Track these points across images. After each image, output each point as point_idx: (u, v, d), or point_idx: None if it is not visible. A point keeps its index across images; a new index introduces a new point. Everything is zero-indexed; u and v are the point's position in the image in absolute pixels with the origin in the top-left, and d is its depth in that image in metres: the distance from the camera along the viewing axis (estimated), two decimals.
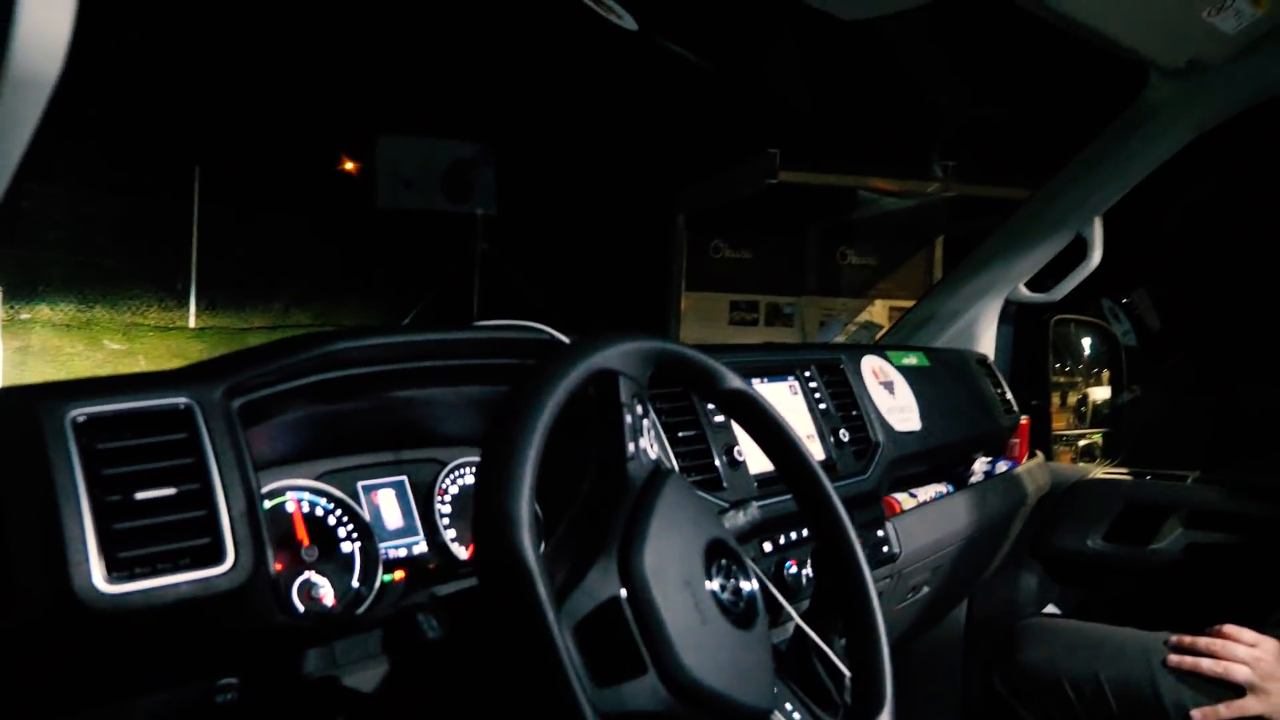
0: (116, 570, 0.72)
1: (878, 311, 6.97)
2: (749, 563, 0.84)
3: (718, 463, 1.22)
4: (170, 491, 0.76)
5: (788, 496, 1.04)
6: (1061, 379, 2.78)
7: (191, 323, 8.18)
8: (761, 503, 1.11)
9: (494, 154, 1.76)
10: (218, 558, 0.76)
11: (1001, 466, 2.03)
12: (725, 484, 1.21)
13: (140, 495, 0.74)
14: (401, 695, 0.84)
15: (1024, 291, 2.20)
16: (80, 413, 0.74)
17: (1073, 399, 2.79)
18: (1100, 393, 2.71)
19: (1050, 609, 2.18)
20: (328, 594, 0.96)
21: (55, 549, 0.70)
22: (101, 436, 0.75)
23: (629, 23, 1.28)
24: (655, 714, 0.70)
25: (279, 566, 0.85)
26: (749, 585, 0.80)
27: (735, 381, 0.91)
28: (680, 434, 1.20)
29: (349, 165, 7.27)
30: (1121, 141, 1.92)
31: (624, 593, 0.71)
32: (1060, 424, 2.70)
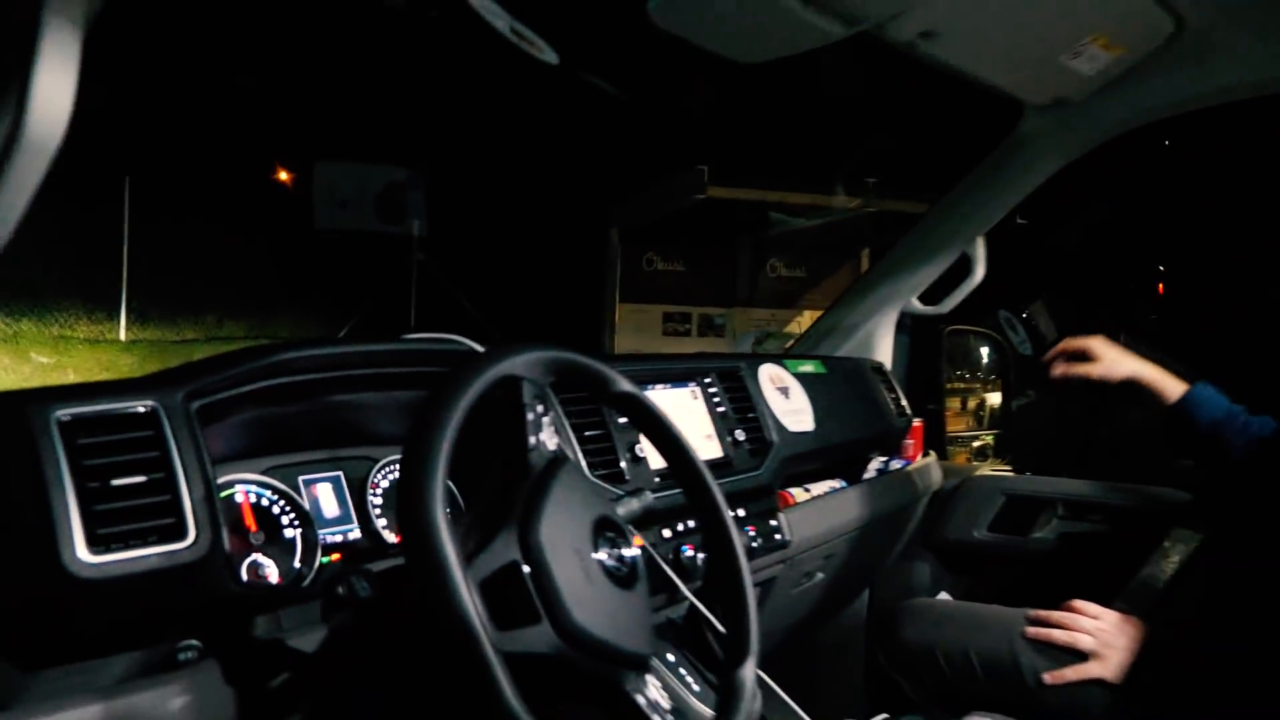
0: (96, 545, 0.85)
1: (805, 321, 7.20)
2: (633, 537, 1.00)
3: (621, 459, 1.38)
4: (141, 479, 0.90)
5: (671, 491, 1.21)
6: (960, 385, 2.99)
7: (122, 335, 8.10)
8: (658, 494, 1.28)
9: (426, 176, 1.89)
10: (181, 535, 0.90)
11: (895, 465, 2.22)
12: (627, 477, 1.37)
13: (115, 482, 0.88)
14: (338, 653, 0.99)
15: (916, 304, 2.40)
16: (64, 413, 0.88)
17: (971, 404, 3.01)
18: (994, 398, 2.93)
19: (943, 595, 2.37)
20: (273, 573, 1.10)
21: (46, 527, 0.83)
22: (81, 433, 0.88)
23: (550, 57, 1.41)
24: (550, 657, 0.86)
25: (231, 547, 0.99)
26: (631, 553, 0.97)
27: (625, 385, 1.07)
28: (587, 433, 1.36)
29: (283, 176, 7.29)
30: (1000, 168, 2.13)
31: (521, 557, 0.86)
32: (958, 426, 2.91)
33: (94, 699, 0.86)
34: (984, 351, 3.02)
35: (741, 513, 1.60)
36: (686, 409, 1.60)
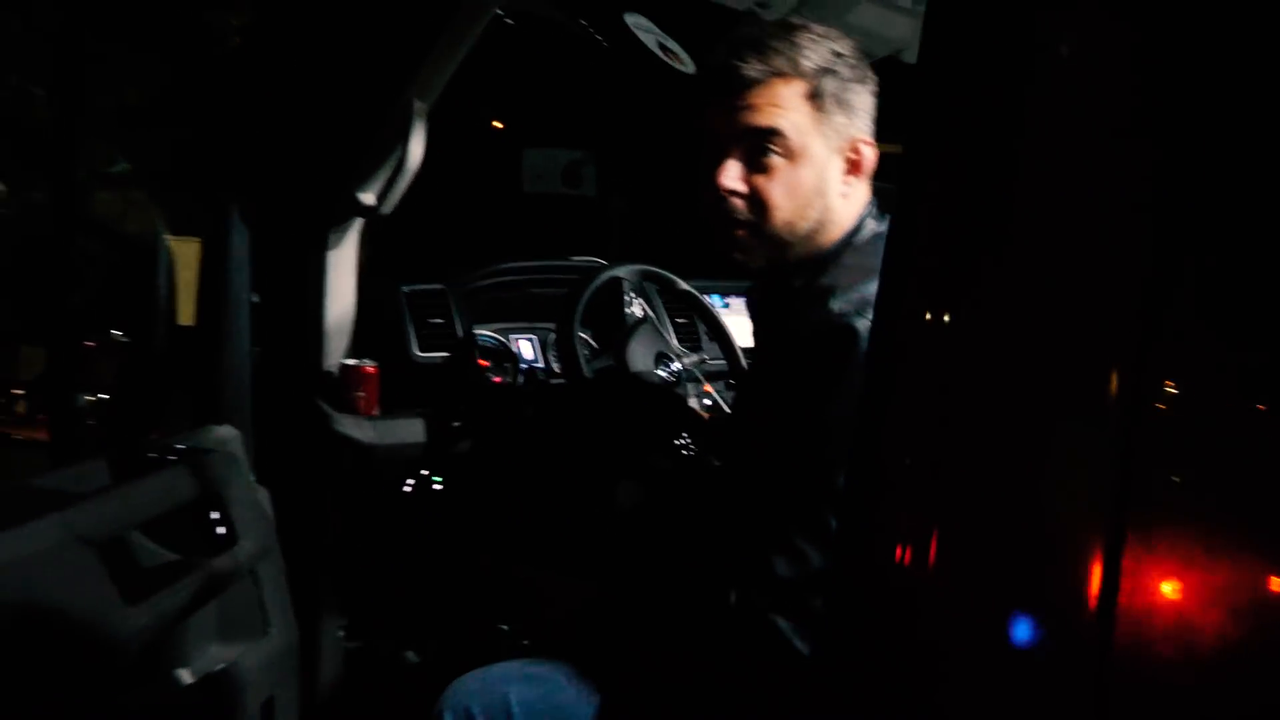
0: (422, 349, 1.85)
1: None
2: (678, 365, 1.91)
3: (698, 334, 2.29)
4: (439, 320, 1.89)
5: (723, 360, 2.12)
6: None
7: None
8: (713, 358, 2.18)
9: (596, 156, 2.76)
10: (458, 347, 1.89)
11: None
12: (693, 346, 2.26)
13: (429, 320, 1.88)
14: (537, 417, 1.96)
15: None
16: (407, 288, 1.89)
17: None
18: None
19: None
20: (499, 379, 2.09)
21: (403, 338, 1.84)
22: (415, 298, 1.88)
23: (689, 67, 2.06)
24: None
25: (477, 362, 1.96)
26: (676, 367, 1.88)
27: (683, 285, 1.98)
28: (678, 319, 2.27)
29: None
30: None
31: (614, 363, 1.79)
32: None
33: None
34: None
35: None
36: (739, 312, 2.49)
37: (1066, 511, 0.58)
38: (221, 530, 1.40)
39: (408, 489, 1.78)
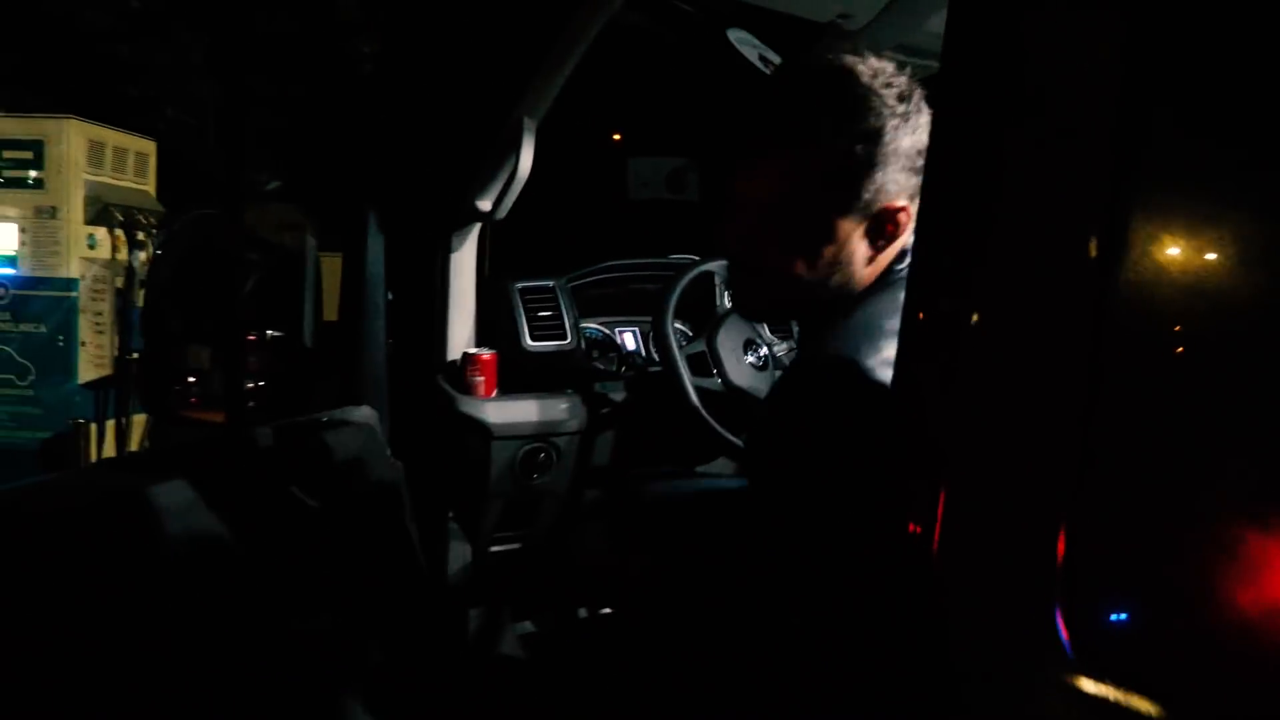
0: (534, 338, 2.07)
1: None
2: (765, 352, 2.08)
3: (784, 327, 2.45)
4: (549, 313, 2.11)
5: None
6: None
7: None
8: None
9: (699, 163, 2.90)
10: (564, 338, 2.11)
11: None
12: (778, 336, 2.43)
13: (539, 313, 2.10)
14: (630, 400, 2.15)
15: None
16: (519, 285, 2.11)
17: None
18: None
19: None
20: (603, 365, 2.29)
21: (515, 330, 2.06)
22: (527, 293, 2.10)
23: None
24: (718, 393, 1.96)
25: (584, 348, 2.17)
26: (763, 353, 2.04)
27: None
28: None
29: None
30: None
31: (706, 349, 1.97)
32: None
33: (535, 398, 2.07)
34: None
35: None
36: None
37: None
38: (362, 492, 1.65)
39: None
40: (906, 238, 1.16)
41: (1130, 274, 0.66)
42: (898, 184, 1.12)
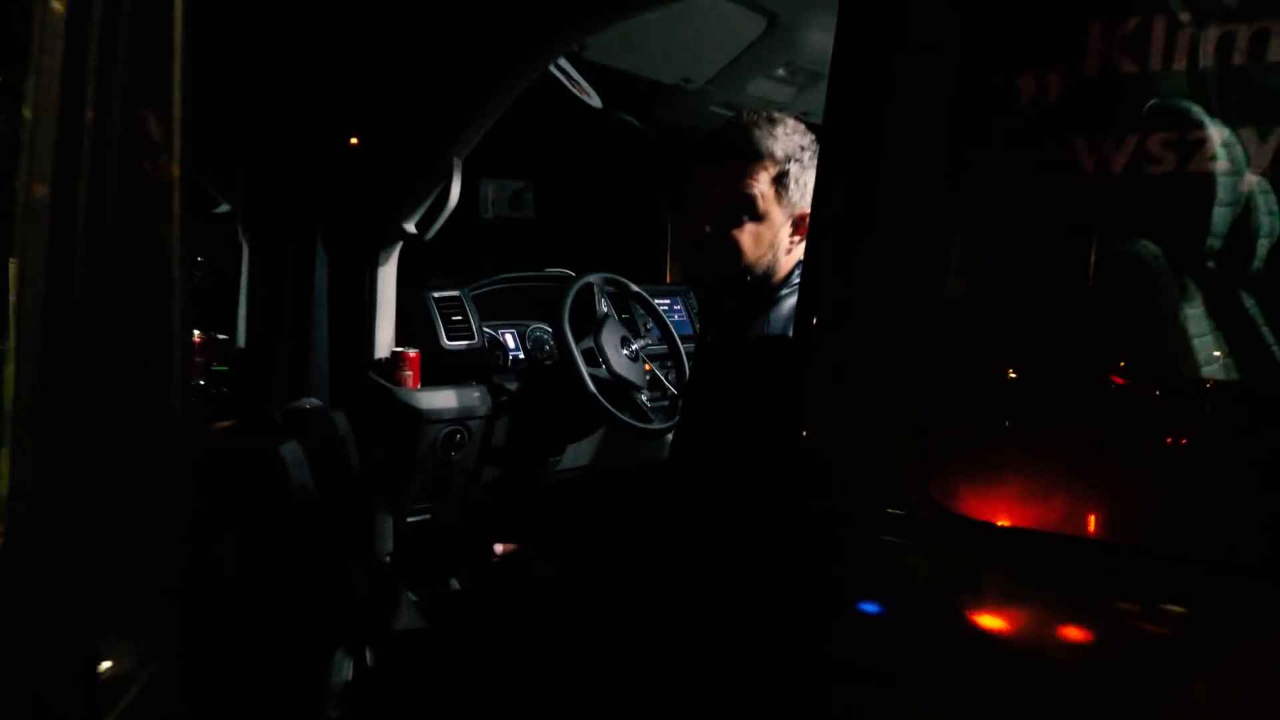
0: (449, 338, 2.49)
1: None
2: (636, 346, 2.59)
3: (638, 322, 2.97)
4: (459, 318, 2.53)
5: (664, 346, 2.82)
6: None
7: None
8: (657, 341, 2.88)
9: (535, 184, 3.36)
10: (473, 337, 2.54)
11: None
12: (642, 332, 2.96)
13: (452, 317, 2.51)
14: (524, 387, 2.60)
15: None
16: (433, 293, 2.51)
17: None
18: None
19: None
20: (501, 360, 2.73)
21: (432, 330, 2.46)
22: (440, 301, 2.51)
23: (595, 101, 2.51)
24: (607, 380, 2.46)
25: (489, 346, 2.59)
26: (636, 346, 2.56)
27: (635, 288, 2.67)
28: (623, 315, 2.95)
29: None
30: None
31: (595, 347, 2.46)
32: None
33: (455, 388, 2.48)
34: None
35: None
36: (678, 308, 3.19)
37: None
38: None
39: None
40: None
41: (959, 261, 1.22)
42: (808, 195, 1.66)
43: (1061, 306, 1.23)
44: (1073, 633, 1.08)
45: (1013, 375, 1.21)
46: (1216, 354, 1.46)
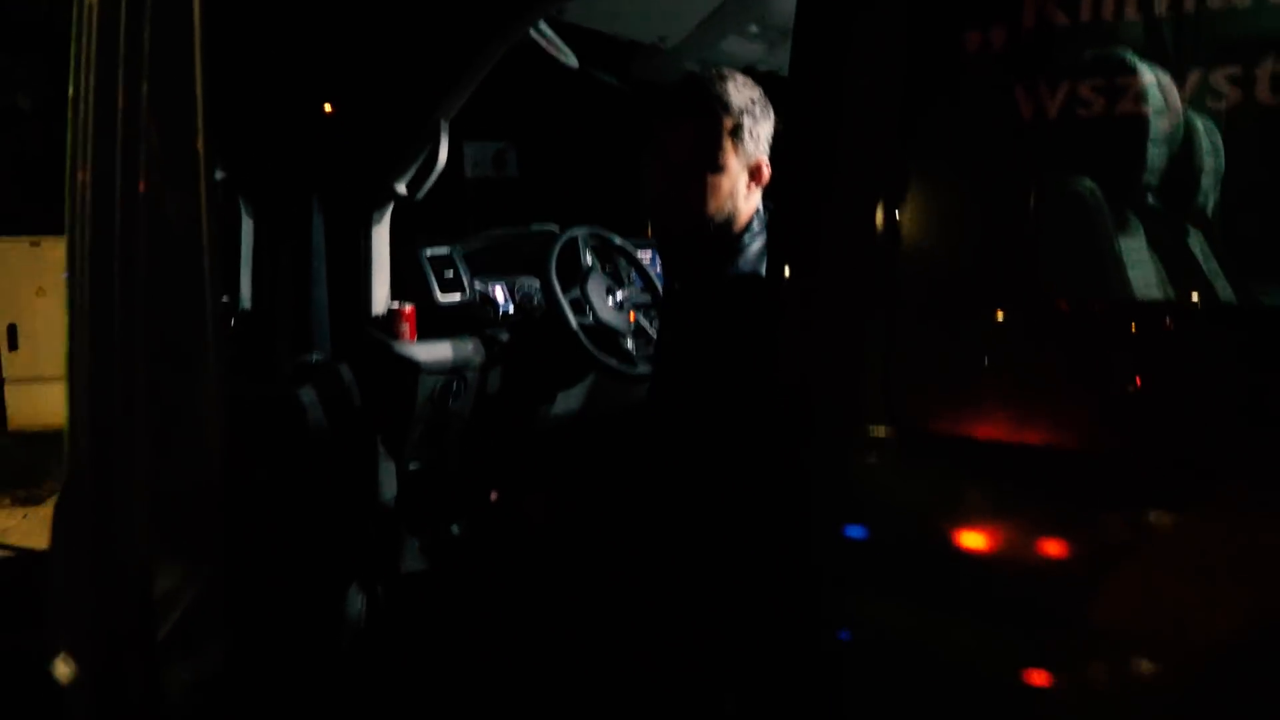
0: (441, 291, 2.60)
1: None
2: (620, 296, 2.71)
3: (621, 272, 3.09)
4: (450, 274, 2.64)
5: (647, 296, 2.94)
6: None
7: None
8: (640, 291, 3.00)
9: (516, 145, 3.44)
10: (465, 292, 2.65)
11: None
12: (626, 282, 3.07)
13: (444, 273, 2.63)
14: (515, 335, 2.72)
15: None
16: (425, 251, 2.62)
17: None
18: None
19: None
20: (495, 312, 2.85)
21: (426, 286, 2.58)
22: (432, 259, 2.62)
23: (572, 61, 2.55)
24: (593, 326, 2.58)
25: (479, 301, 2.71)
26: (620, 297, 2.68)
27: (619, 240, 2.78)
28: (607, 267, 3.07)
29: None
30: None
31: (580, 295, 2.59)
32: None
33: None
34: None
35: None
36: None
37: None
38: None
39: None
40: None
41: (916, 202, 1.34)
42: (762, 146, 1.78)
43: (1011, 242, 1.35)
44: (1030, 530, 1.22)
45: (969, 304, 1.33)
46: (1155, 279, 1.60)
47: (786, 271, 1.37)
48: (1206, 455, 1.12)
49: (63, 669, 1.23)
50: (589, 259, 2.84)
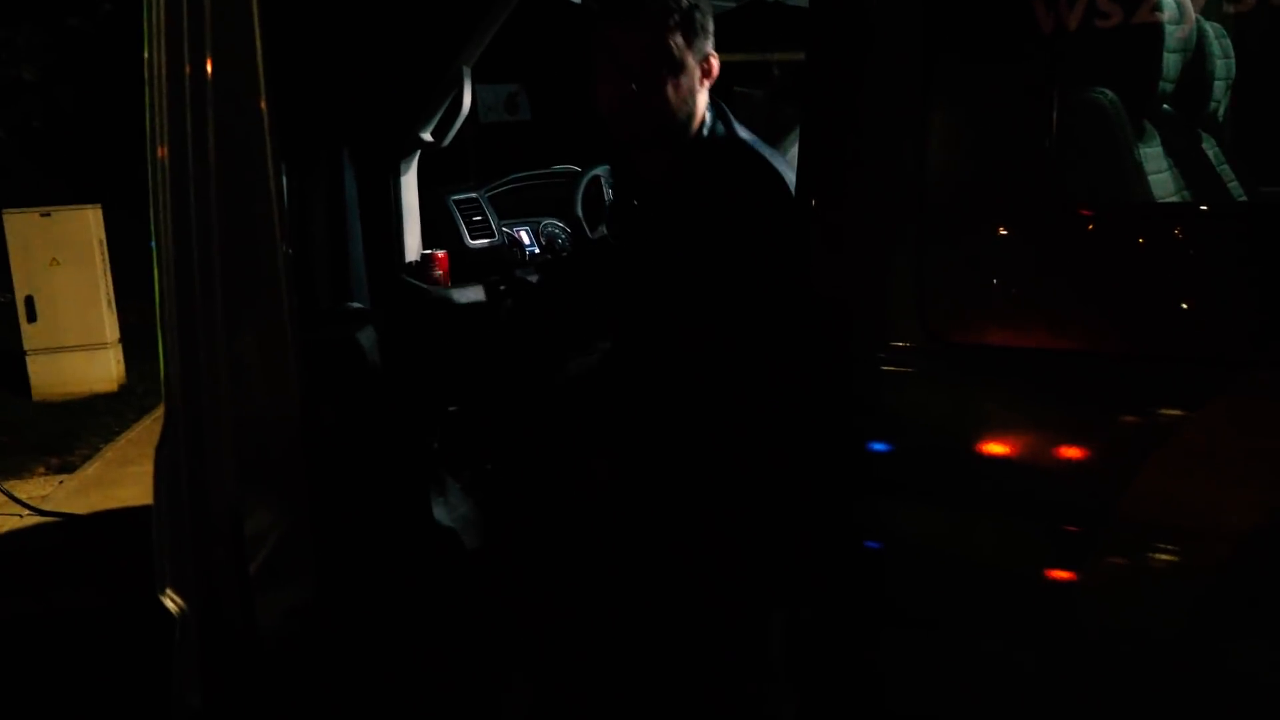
0: (472, 236, 2.66)
1: None
2: None
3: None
4: (478, 218, 2.70)
5: None
6: None
7: None
8: None
9: (528, 88, 3.46)
10: (494, 235, 2.72)
11: None
12: None
13: (473, 219, 2.69)
14: (546, 272, 2.79)
15: None
16: (451, 197, 2.68)
17: None
18: None
19: None
20: (524, 253, 2.91)
21: (456, 230, 2.64)
22: (459, 203, 2.68)
23: None
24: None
25: (507, 243, 2.77)
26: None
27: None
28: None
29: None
30: None
31: (605, 231, 2.65)
32: None
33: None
34: None
35: None
36: None
37: None
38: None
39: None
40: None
41: (940, 119, 1.39)
42: (709, 38, 1.75)
43: (1032, 153, 1.39)
44: (1051, 429, 1.29)
45: (992, 216, 1.38)
46: (1172, 184, 1.65)
47: (815, 187, 1.42)
48: (1226, 352, 1.18)
49: (170, 603, 1.33)
50: (611, 195, 2.89)
